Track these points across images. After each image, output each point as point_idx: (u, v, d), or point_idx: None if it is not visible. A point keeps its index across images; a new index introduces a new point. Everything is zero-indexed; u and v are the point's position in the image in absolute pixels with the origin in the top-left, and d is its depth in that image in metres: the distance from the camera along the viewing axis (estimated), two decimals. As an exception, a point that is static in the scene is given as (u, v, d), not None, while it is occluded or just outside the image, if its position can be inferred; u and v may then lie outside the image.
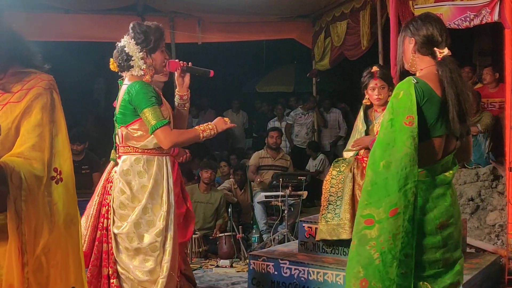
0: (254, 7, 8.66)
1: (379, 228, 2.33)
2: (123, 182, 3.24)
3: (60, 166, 2.10)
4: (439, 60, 2.52)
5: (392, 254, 2.32)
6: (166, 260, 3.23)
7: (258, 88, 13.08)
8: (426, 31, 2.55)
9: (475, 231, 5.68)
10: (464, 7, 5.38)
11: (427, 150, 2.45)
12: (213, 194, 6.79)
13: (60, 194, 2.09)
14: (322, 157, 9.12)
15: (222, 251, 6.08)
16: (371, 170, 2.41)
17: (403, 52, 2.65)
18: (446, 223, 2.49)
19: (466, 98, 2.48)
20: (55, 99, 2.13)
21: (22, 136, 2.05)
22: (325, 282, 4.17)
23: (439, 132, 2.46)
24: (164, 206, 3.26)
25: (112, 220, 3.25)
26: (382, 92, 4.10)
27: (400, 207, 2.32)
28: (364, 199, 2.42)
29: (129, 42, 3.26)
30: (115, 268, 3.24)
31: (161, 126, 3.16)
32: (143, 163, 3.26)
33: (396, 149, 2.34)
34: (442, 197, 2.50)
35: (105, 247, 3.26)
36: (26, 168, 1.99)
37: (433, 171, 2.49)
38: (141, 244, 3.20)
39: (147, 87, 3.23)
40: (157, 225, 3.22)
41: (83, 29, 8.88)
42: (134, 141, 3.28)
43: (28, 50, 2.18)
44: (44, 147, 2.06)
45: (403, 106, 2.38)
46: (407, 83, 2.43)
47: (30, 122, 2.06)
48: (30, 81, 2.10)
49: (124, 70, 3.31)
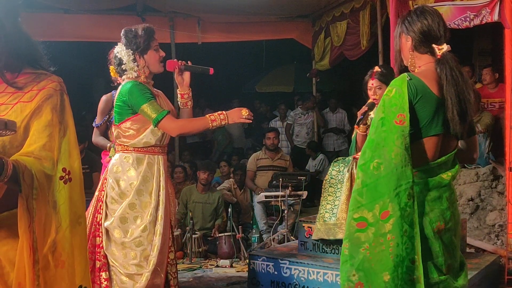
0: (254, 7, 8.66)
1: (372, 231, 2.25)
2: (112, 179, 3.35)
3: (69, 166, 2.14)
4: (438, 58, 2.39)
5: (386, 258, 2.22)
6: (153, 255, 3.30)
7: (258, 88, 13.08)
8: (421, 26, 2.42)
9: (475, 231, 5.68)
10: (464, 7, 5.38)
11: (420, 150, 2.36)
12: (211, 194, 6.81)
13: (68, 193, 2.12)
14: (322, 157, 9.13)
15: (222, 251, 6.09)
16: (362, 171, 2.32)
17: (400, 50, 2.54)
18: (443, 228, 2.37)
19: (466, 98, 2.36)
20: (65, 101, 2.18)
21: (32, 136, 2.08)
22: (325, 282, 4.17)
23: (434, 131, 2.36)
24: (153, 203, 3.33)
25: (104, 214, 3.36)
26: (377, 93, 4.10)
27: (392, 210, 2.22)
28: (355, 201, 2.31)
29: (121, 47, 3.40)
30: (104, 262, 3.32)
31: (163, 117, 3.23)
32: (132, 161, 3.35)
33: (387, 149, 2.25)
34: (438, 200, 2.38)
35: (98, 240, 3.35)
36: (37, 167, 2.03)
37: (427, 172, 2.37)
38: (126, 238, 3.29)
39: (138, 85, 3.33)
40: (143, 221, 3.30)
41: (83, 29, 8.89)
42: (124, 139, 3.38)
43: (38, 52, 2.23)
44: (54, 147, 2.10)
45: (395, 104, 2.28)
46: (400, 80, 2.33)
47: (40, 122, 2.09)
48: (41, 82, 2.14)
49: (121, 75, 3.43)
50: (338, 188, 4.24)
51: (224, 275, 5.56)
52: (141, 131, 3.35)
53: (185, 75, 3.51)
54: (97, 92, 13.31)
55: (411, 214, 2.24)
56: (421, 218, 2.32)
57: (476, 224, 5.77)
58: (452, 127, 2.36)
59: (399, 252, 2.22)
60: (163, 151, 3.45)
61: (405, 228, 2.23)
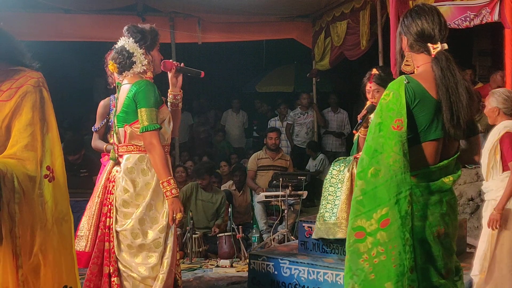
0: (254, 7, 8.66)
1: (370, 241, 2.18)
2: (127, 180, 3.27)
3: (52, 164, 2.11)
4: (433, 57, 2.32)
5: (387, 268, 2.16)
6: (166, 255, 3.28)
7: (258, 88, 13.07)
8: (416, 27, 2.36)
9: (475, 231, 5.68)
10: (464, 7, 5.38)
11: (420, 154, 2.28)
12: (215, 193, 6.84)
13: (52, 192, 2.11)
14: (322, 157, 9.12)
15: (222, 251, 6.08)
16: (360, 179, 2.25)
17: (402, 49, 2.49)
18: (443, 232, 2.31)
19: (458, 99, 2.26)
20: (44, 97, 2.14)
21: (14, 136, 2.06)
22: (325, 282, 4.17)
23: (433, 135, 2.29)
24: (166, 203, 3.28)
25: (114, 218, 3.29)
26: (375, 96, 4.11)
27: (393, 218, 2.16)
28: (354, 209, 2.25)
29: (128, 41, 3.33)
30: (116, 267, 3.26)
31: (152, 129, 3.21)
32: (146, 161, 3.31)
33: (385, 155, 2.18)
34: (439, 204, 2.31)
35: (107, 245, 3.29)
36: (19, 170, 2.00)
37: (428, 175, 2.30)
38: (145, 240, 3.24)
39: (152, 86, 3.29)
40: (160, 222, 3.27)
41: (83, 29, 8.89)
42: (138, 139, 3.31)
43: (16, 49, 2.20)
44: (37, 146, 2.08)
45: (392, 108, 2.21)
46: (398, 84, 2.26)
47: (21, 122, 2.07)
48: (19, 79, 2.11)
49: (125, 70, 3.34)
50: (338, 187, 4.24)
51: (224, 275, 5.56)
52: None
53: (179, 76, 3.53)
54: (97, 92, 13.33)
55: (410, 222, 2.19)
56: (421, 222, 2.27)
57: (476, 224, 5.77)
58: (448, 129, 2.29)
59: (401, 261, 2.16)
60: (168, 150, 3.44)
61: (407, 236, 2.17)
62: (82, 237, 3.40)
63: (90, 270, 3.28)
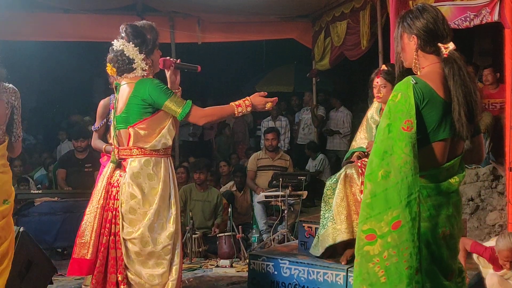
0: (254, 7, 8.66)
1: (381, 243, 2.15)
2: (133, 186, 3.19)
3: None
4: (445, 57, 2.28)
5: (399, 270, 2.13)
6: (175, 262, 3.25)
7: (258, 88, 13.05)
8: (426, 24, 2.32)
9: (475, 231, 5.68)
10: (464, 7, 5.37)
11: (429, 155, 2.27)
12: (210, 192, 6.83)
13: None
14: (322, 157, 9.13)
15: (222, 251, 6.08)
16: (370, 181, 2.21)
17: (402, 50, 2.43)
18: (448, 233, 2.30)
19: (474, 98, 2.26)
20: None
21: None
22: (325, 282, 4.16)
23: (442, 135, 2.27)
24: (173, 208, 3.25)
25: (121, 225, 3.21)
26: (382, 91, 4.09)
27: (404, 220, 2.13)
28: (364, 212, 2.22)
29: (127, 45, 3.24)
30: (125, 275, 3.20)
31: (189, 108, 3.17)
32: (152, 165, 3.23)
33: (395, 157, 2.15)
34: (445, 205, 2.30)
35: (113, 253, 3.21)
36: None
37: (435, 176, 2.29)
38: (156, 247, 3.18)
39: (154, 80, 3.24)
40: (168, 228, 3.23)
41: (83, 29, 8.90)
42: (142, 141, 3.22)
43: None
44: None
45: (401, 110, 2.19)
46: (405, 84, 2.24)
47: None
48: None
49: (124, 73, 3.28)
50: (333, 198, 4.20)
51: (224, 275, 5.56)
52: (158, 131, 3.23)
53: (177, 73, 3.50)
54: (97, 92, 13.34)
55: (418, 223, 2.18)
56: (427, 223, 2.26)
57: (476, 224, 5.77)
58: (458, 129, 2.27)
59: (412, 263, 2.15)
60: (171, 153, 3.39)
61: (416, 238, 2.16)
62: (84, 244, 3.26)
63: (95, 279, 3.20)
